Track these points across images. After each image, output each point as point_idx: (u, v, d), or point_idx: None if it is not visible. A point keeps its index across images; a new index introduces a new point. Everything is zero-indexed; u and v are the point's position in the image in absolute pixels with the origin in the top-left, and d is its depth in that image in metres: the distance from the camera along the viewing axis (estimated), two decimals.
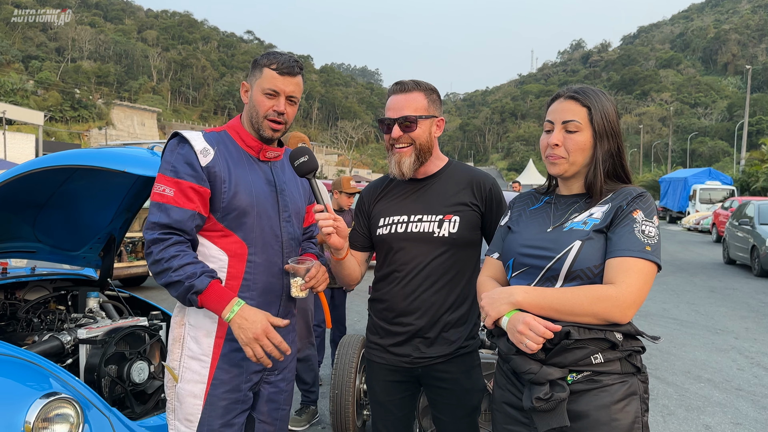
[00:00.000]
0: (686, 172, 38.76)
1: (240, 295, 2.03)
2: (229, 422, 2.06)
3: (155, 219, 1.96)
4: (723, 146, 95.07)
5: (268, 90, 2.06)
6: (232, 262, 2.05)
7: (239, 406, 2.08)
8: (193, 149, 2.00)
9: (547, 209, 1.86)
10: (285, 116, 2.09)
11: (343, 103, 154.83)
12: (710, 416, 4.81)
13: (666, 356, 6.57)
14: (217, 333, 2.05)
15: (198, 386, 2.04)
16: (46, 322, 3.51)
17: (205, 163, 1.99)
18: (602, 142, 1.75)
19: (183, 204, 1.96)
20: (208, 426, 2.03)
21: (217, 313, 1.94)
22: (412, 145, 2.22)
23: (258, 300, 2.08)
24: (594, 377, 1.61)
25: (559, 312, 1.60)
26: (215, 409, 2.03)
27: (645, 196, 1.72)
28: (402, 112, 2.21)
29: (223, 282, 2.03)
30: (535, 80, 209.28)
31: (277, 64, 2.07)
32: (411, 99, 2.22)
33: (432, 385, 2.26)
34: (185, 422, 2.05)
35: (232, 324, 1.92)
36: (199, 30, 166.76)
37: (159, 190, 1.98)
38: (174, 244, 1.94)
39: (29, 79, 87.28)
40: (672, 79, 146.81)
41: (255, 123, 2.10)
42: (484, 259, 2.00)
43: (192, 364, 2.05)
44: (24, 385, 2.55)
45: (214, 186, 2.01)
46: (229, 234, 2.05)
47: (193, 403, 2.04)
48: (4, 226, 3.42)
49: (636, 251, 1.60)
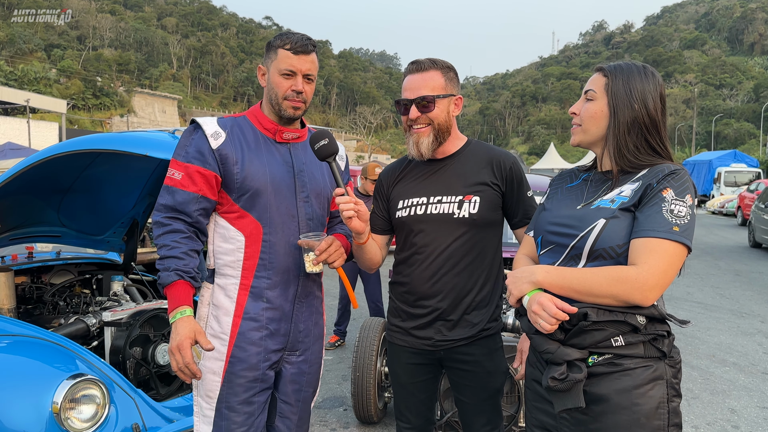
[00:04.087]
0: (711, 155, 38.09)
1: (257, 275, 2.10)
2: (247, 400, 2.10)
3: (163, 201, 2.06)
4: (749, 128, 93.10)
5: (285, 70, 2.09)
6: (248, 242, 2.10)
7: (258, 384, 2.12)
8: (205, 134, 2.07)
9: (583, 187, 1.82)
10: (304, 95, 2.12)
11: (362, 89, 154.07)
12: (736, 400, 4.75)
13: (690, 340, 6.50)
14: (235, 312, 2.10)
15: (217, 363, 2.10)
16: (72, 305, 3.56)
17: (215, 146, 2.06)
18: (620, 111, 1.69)
19: (187, 187, 2.04)
20: (226, 402, 2.09)
21: (167, 312, 2.03)
22: (430, 125, 2.19)
23: (275, 279, 2.12)
24: (615, 360, 1.57)
25: (579, 292, 1.58)
26: (233, 387, 2.09)
27: (678, 173, 1.62)
28: (419, 92, 2.18)
29: (240, 261, 2.10)
30: (557, 63, 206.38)
31: (290, 43, 2.09)
32: (428, 78, 2.19)
33: (454, 368, 2.25)
34: (206, 398, 2.12)
35: (171, 328, 2.00)
36: (218, 16, 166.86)
37: (170, 174, 2.08)
38: (171, 231, 2.03)
39: (52, 67, 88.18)
40: (696, 59, 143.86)
41: (275, 105, 2.13)
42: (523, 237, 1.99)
43: (213, 342, 2.10)
44: (51, 367, 2.60)
45: (226, 167, 2.07)
46: (245, 215, 2.09)
47: (212, 380, 2.10)
48: (29, 210, 3.47)
49: (661, 231, 1.54)
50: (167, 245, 2.01)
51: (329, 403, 4.56)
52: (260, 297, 2.12)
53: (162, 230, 2.03)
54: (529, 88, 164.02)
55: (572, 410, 1.58)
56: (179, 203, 2.03)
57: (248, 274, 2.11)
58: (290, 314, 2.17)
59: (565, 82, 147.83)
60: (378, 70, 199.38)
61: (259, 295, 2.11)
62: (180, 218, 2.04)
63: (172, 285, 1.98)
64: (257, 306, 2.11)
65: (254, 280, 2.11)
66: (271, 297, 2.12)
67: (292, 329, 2.19)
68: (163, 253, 2.00)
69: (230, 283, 2.11)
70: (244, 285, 2.11)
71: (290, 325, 2.18)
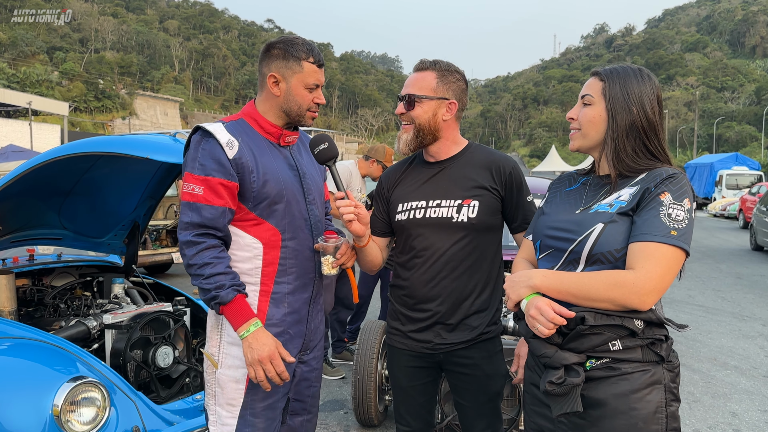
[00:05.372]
0: (712, 158, 38.00)
1: (277, 281, 2.08)
2: (271, 405, 2.09)
3: (188, 219, 1.96)
4: (750, 131, 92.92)
5: (312, 85, 2.10)
6: (267, 249, 2.07)
7: (281, 388, 2.12)
8: (219, 143, 1.98)
9: (582, 191, 1.82)
10: None
11: (363, 91, 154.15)
12: (737, 403, 4.74)
13: (692, 343, 6.49)
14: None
15: (239, 371, 2.06)
16: (73, 308, 3.57)
17: (232, 156, 1.98)
18: (619, 115, 1.70)
19: (213, 201, 1.96)
20: (250, 410, 2.06)
21: (234, 328, 1.97)
22: (413, 124, 2.20)
23: (294, 284, 2.12)
24: (613, 365, 1.57)
25: (576, 297, 1.58)
26: (257, 393, 2.06)
27: (676, 177, 1.63)
28: (407, 89, 2.21)
29: (260, 269, 2.07)
30: (558, 65, 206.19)
31: (314, 56, 2.09)
32: (420, 78, 2.21)
33: (454, 371, 2.25)
34: (227, 407, 2.07)
35: (243, 342, 1.96)
36: (219, 19, 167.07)
37: (188, 189, 1.97)
38: (207, 248, 1.95)
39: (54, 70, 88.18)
40: (698, 62, 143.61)
41: (295, 115, 2.12)
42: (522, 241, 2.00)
43: (232, 349, 2.07)
44: (52, 369, 2.60)
45: (242, 177, 2.00)
46: (261, 222, 2.06)
47: (235, 388, 2.06)
48: (30, 213, 3.48)
49: (659, 236, 1.54)
50: (209, 263, 1.93)
51: (330, 406, 4.55)
52: (281, 302, 2.10)
53: (197, 249, 1.94)
54: (530, 91, 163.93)
55: (570, 415, 1.58)
56: (208, 219, 1.95)
57: (268, 280, 2.08)
58: (306, 316, 2.18)
59: (566, 85, 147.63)
60: (379, 73, 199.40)
61: (281, 301, 2.10)
62: (211, 233, 1.97)
63: (234, 300, 1.94)
64: (279, 311, 2.09)
65: (275, 286, 2.09)
66: (291, 301, 2.12)
67: (306, 330, 2.19)
68: (209, 271, 1.92)
69: (250, 291, 2.07)
70: (264, 291, 2.08)
71: (306, 326, 2.19)
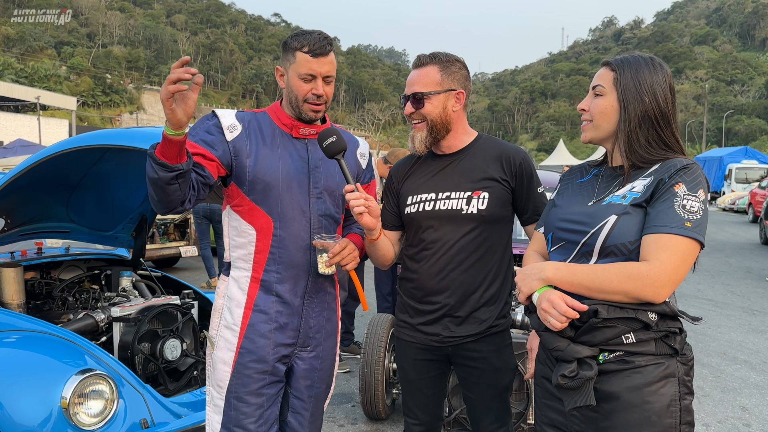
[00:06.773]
0: (721, 151, 37.80)
1: (267, 269, 2.12)
2: (256, 391, 2.11)
3: None
4: (760, 124, 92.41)
5: (304, 75, 2.07)
6: (259, 236, 2.11)
7: (267, 377, 2.13)
8: (220, 123, 2.08)
9: (594, 182, 1.80)
10: (324, 96, 2.11)
11: (370, 85, 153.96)
12: (747, 398, 4.71)
13: (701, 337, 6.45)
14: (246, 304, 2.13)
15: (228, 354, 2.13)
16: (81, 301, 3.58)
17: (230, 138, 2.07)
18: (631, 106, 1.67)
19: (189, 147, 1.90)
20: (234, 393, 2.11)
21: (163, 137, 1.77)
22: (425, 122, 2.18)
23: (284, 273, 2.14)
24: (626, 358, 1.55)
25: (589, 289, 1.56)
26: (241, 377, 2.11)
27: (691, 168, 1.60)
28: (413, 88, 2.19)
29: (251, 255, 2.13)
30: (566, 58, 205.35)
31: (308, 46, 2.06)
32: (423, 74, 2.18)
33: (462, 364, 2.24)
34: (217, 388, 2.15)
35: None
36: (226, 13, 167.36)
37: None
38: None
39: (62, 65, 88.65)
40: (707, 55, 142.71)
41: (295, 107, 2.13)
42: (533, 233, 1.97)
43: (225, 333, 2.14)
44: (60, 362, 2.61)
45: (239, 160, 2.07)
46: (255, 208, 2.10)
47: (223, 370, 2.13)
48: (38, 206, 3.48)
49: (673, 227, 1.51)
50: None
51: (337, 399, 4.56)
52: (270, 290, 2.13)
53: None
54: (538, 85, 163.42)
55: (583, 408, 1.56)
56: None
57: (258, 267, 2.13)
58: (300, 309, 2.18)
59: (574, 78, 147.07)
60: (386, 67, 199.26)
61: (269, 289, 2.13)
62: None
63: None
64: (267, 299, 2.13)
65: (264, 274, 2.13)
66: (280, 291, 2.14)
67: (302, 324, 2.19)
68: None
69: (242, 276, 2.15)
70: (254, 278, 2.13)
71: (300, 320, 2.18)
